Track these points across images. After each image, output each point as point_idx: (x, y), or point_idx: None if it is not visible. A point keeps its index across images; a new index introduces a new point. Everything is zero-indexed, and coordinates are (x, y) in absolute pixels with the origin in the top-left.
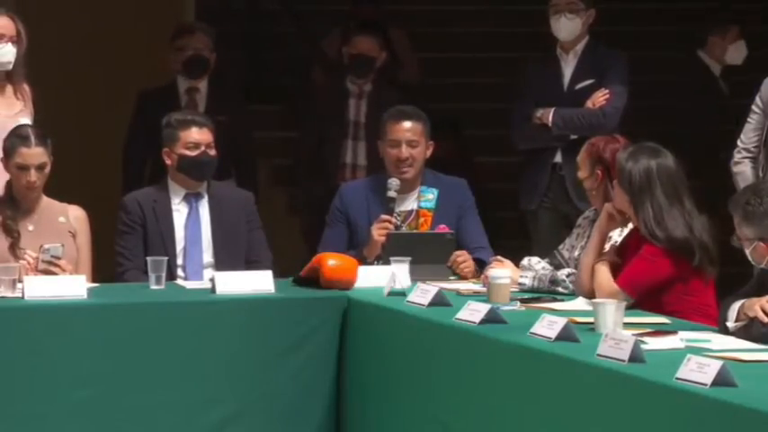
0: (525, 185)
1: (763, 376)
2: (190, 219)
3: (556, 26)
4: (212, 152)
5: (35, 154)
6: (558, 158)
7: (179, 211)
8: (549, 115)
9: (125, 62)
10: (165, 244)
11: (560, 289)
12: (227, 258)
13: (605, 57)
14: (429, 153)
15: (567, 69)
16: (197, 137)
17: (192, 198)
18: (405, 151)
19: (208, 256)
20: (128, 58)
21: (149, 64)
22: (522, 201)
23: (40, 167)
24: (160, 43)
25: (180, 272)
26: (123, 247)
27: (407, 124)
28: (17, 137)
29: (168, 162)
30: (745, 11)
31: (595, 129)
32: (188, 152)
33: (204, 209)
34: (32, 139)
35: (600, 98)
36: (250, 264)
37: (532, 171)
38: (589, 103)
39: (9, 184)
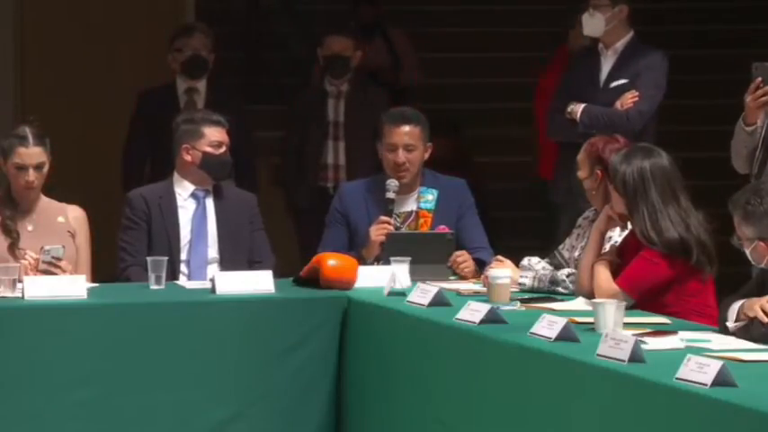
0: (557, 179)
1: (763, 376)
2: (197, 213)
3: (582, 20)
4: (228, 153)
5: (33, 154)
6: None
7: (184, 208)
8: (578, 111)
9: (125, 62)
10: (170, 240)
11: (560, 289)
12: (230, 255)
13: (644, 57)
14: (428, 155)
15: (606, 66)
16: (220, 136)
17: (199, 193)
18: (401, 156)
19: (213, 252)
20: (128, 58)
21: (149, 64)
22: (554, 194)
23: (39, 167)
24: (160, 44)
25: (183, 267)
26: (126, 242)
27: (405, 128)
28: (15, 137)
29: (188, 158)
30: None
31: (617, 130)
32: (213, 150)
33: (210, 205)
34: (30, 138)
35: (628, 100)
36: (253, 265)
37: (564, 166)
38: (618, 104)
39: (8, 185)
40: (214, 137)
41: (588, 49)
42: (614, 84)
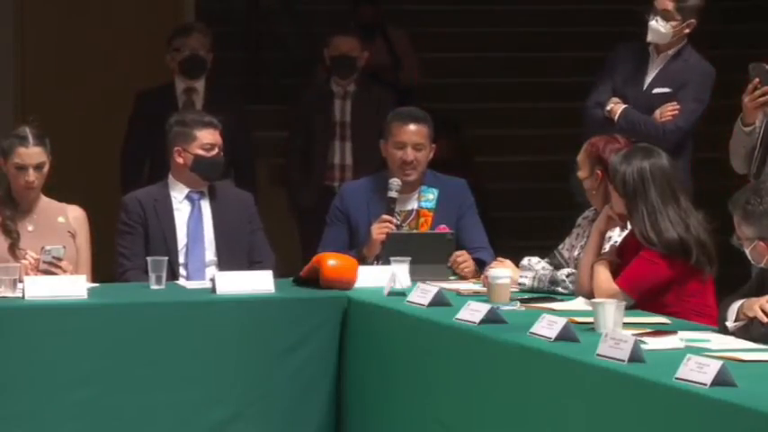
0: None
1: (763, 376)
2: (192, 216)
3: (649, 26)
4: (221, 153)
5: (33, 154)
6: None
7: (180, 210)
8: (617, 111)
9: (125, 62)
10: (167, 242)
11: (560, 289)
12: (228, 257)
13: (691, 67)
14: (431, 155)
15: (652, 71)
16: (212, 138)
17: (194, 196)
18: (410, 154)
19: (210, 254)
20: (128, 58)
21: (149, 64)
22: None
23: (39, 167)
24: (160, 43)
25: (182, 270)
26: (123, 247)
27: (414, 127)
28: (15, 137)
29: (180, 161)
30: None
31: (652, 142)
32: (204, 153)
33: (206, 207)
34: (30, 138)
35: (668, 112)
36: (254, 264)
37: None
38: (657, 113)
39: (8, 185)
40: (206, 139)
41: (638, 47)
42: (657, 90)
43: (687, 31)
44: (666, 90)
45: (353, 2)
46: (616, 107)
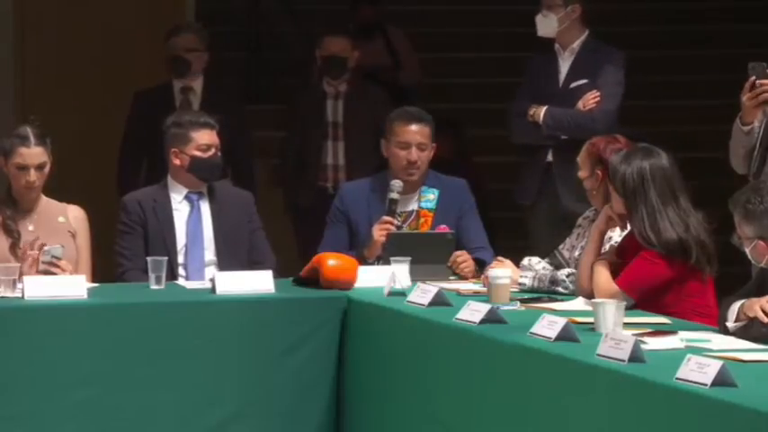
0: (521, 183)
1: (763, 376)
2: (191, 217)
3: (536, 21)
4: (219, 153)
5: (34, 154)
6: (550, 158)
7: (179, 211)
8: (540, 113)
9: (125, 62)
10: (167, 243)
11: (560, 289)
12: (228, 258)
13: (601, 55)
14: (432, 155)
15: (564, 67)
16: (208, 139)
17: (193, 197)
18: (415, 154)
19: (209, 255)
20: (128, 58)
21: (149, 64)
22: (519, 196)
23: (40, 167)
24: (160, 43)
25: (181, 270)
26: (123, 247)
27: (417, 127)
28: (16, 137)
29: (177, 162)
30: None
31: (583, 131)
32: (201, 154)
33: (205, 207)
34: (32, 138)
35: (590, 100)
36: (254, 265)
37: (527, 169)
38: (580, 104)
39: (8, 184)
40: (202, 140)
41: (545, 51)
42: (574, 84)
43: (575, 16)
44: (583, 81)
45: (353, 2)
46: (538, 110)
